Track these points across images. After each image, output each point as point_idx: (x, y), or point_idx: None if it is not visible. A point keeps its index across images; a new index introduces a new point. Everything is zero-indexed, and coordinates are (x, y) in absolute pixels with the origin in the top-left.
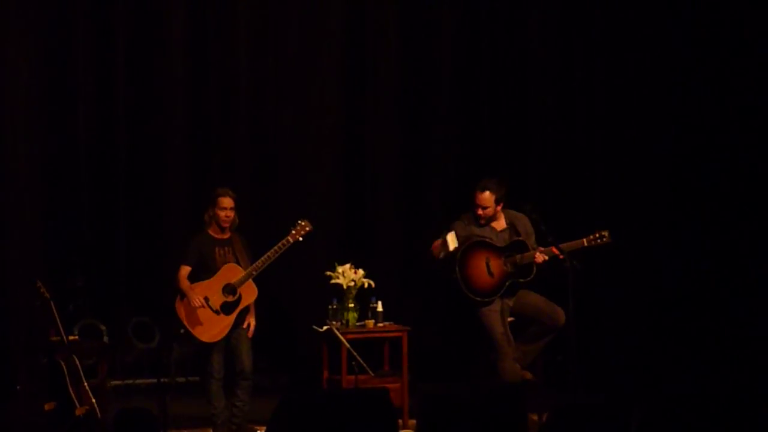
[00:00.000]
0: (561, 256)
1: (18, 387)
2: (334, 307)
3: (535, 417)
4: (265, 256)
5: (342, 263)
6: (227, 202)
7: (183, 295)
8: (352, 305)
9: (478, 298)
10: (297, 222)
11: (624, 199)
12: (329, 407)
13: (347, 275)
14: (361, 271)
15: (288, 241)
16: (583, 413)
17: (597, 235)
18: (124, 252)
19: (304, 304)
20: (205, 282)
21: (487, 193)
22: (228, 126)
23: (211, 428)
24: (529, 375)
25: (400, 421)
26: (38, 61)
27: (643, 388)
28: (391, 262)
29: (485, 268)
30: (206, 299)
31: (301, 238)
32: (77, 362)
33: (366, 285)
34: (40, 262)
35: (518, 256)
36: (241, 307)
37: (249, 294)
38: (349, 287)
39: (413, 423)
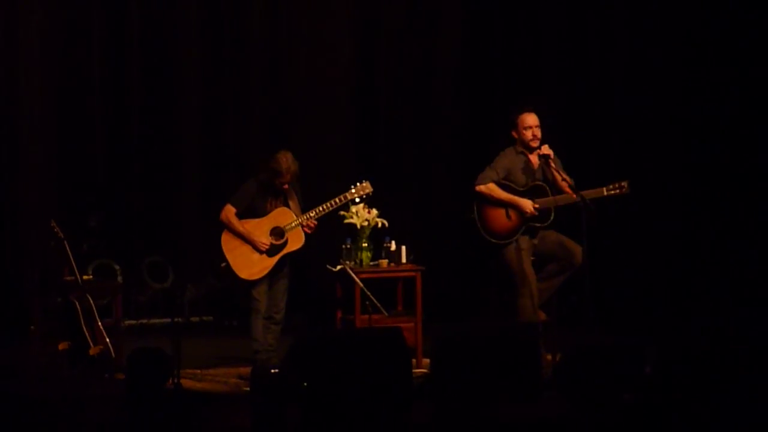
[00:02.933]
0: (574, 196)
1: (32, 327)
2: (348, 246)
3: (549, 356)
4: (319, 207)
5: (356, 203)
6: (287, 179)
7: (232, 231)
8: (365, 245)
9: (494, 240)
10: (358, 182)
11: (640, 141)
12: (343, 347)
13: (361, 215)
14: (374, 211)
15: (345, 197)
16: (596, 353)
17: (617, 185)
18: (138, 192)
19: (318, 244)
20: (255, 221)
21: (533, 114)
22: (241, 66)
23: (222, 368)
24: (543, 315)
25: (414, 360)
26: (52, 5)
27: (656, 327)
28: (406, 202)
29: (504, 211)
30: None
31: (358, 199)
32: (91, 302)
33: (380, 224)
34: (54, 202)
35: (538, 201)
36: (284, 251)
37: (295, 241)
38: (362, 227)
39: (427, 362)
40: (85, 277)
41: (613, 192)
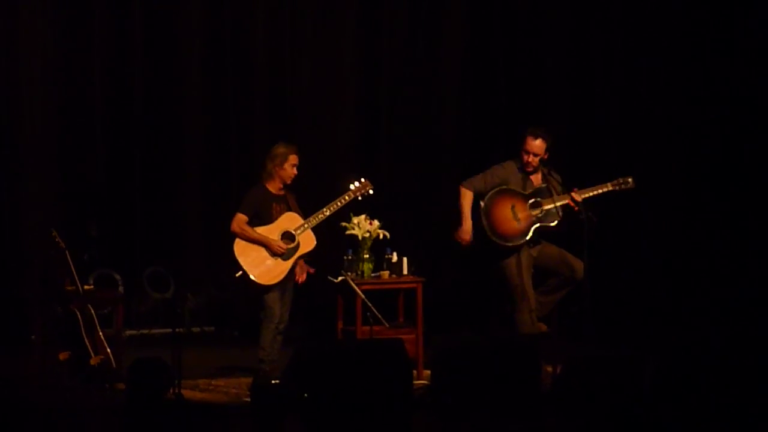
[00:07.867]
0: (576, 208)
1: (33, 337)
2: (350, 258)
3: (549, 368)
4: (325, 208)
5: (357, 214)
6: (296, 159)
7: (247, 239)
8: (367, 256)
9: (508, 244)
10: (359, 180)
11: (640, 153)
12: (344, 358)
13: (362, 226)
14: (376, 222)
15: (348, 196)
16: (597, 365)
17: (621, 181)
18: (140, 202)
19: (320, 255)
20: (264, 227)
21: (539, 140)
22: (244, 74)
23: (223, 378)
24: (543, 327)
25: (415, 372)
26: (53, 9)
27: (656, 340)
28: (407, 213)
29: (511, 215)
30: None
31: (360, 197)
32: (92, 312)
33: (381, 236)
34: (55, 211)
35: (544, 201)
36: (298, 254)
37: (307, 243)
38: (364, 238)
39: (428, 374)
40: (86, 286)
41: (617, 187)
